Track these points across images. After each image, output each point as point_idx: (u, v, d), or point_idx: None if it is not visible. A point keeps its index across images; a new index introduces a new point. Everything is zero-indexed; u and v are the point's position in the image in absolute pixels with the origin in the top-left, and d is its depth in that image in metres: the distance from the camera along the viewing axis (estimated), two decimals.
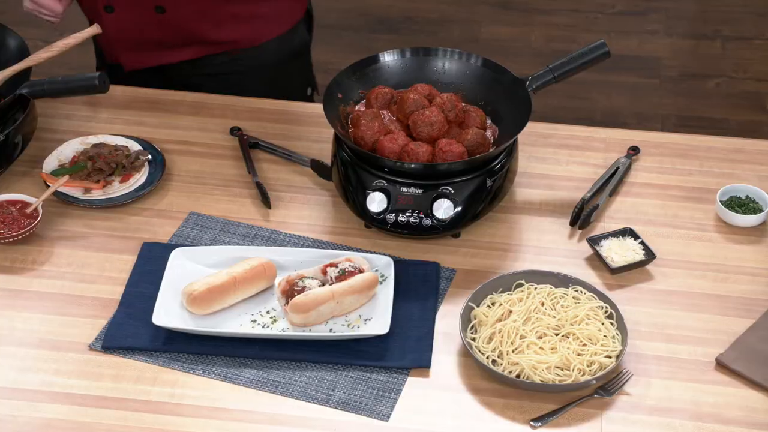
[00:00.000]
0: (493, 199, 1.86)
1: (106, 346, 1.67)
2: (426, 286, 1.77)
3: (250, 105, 2.18)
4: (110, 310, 1.73)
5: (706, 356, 1.67)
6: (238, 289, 1.71)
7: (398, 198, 1.81)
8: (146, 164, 1.99)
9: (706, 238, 1.88)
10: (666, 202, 1.95)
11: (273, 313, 1.72)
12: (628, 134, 2.11)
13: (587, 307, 1.68)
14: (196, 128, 2.12)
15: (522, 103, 1.88)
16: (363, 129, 1.86)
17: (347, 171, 1.86)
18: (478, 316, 1.69)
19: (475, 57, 1.97)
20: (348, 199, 1.87)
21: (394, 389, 1.62)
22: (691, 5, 4.11)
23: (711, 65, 3.90)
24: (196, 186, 1.98)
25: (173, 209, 1.93)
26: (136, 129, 2.10)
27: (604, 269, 1.82)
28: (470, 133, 1.86)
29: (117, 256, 1.83)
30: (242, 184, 1.99)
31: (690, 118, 3.67)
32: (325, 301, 1.67)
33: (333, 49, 3.62)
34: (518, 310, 1.68)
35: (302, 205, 1.94)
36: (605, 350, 1.63)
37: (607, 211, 1.93)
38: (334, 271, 1.71)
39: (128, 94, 2.19)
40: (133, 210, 1.92)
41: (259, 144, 2.07)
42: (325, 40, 2.31)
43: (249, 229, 1.89)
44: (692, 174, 2.01)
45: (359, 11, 4.03)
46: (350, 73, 1.96)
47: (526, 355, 1.62)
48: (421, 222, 1.82)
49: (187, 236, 1.87)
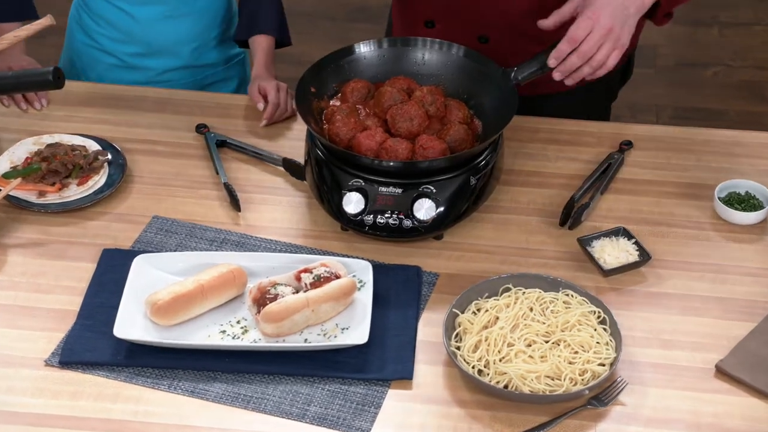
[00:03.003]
0: (477, 198, 1.86)
1: (64, 361, 1.66)
2: (407, 291, 1.77)
3: (217, 101, 2.17)
4: (68, 323, 1.72)
5: (705, 363, 1.68)
6: (206, 297, 1.70)
7: (376, 198, 1.81)
8: (106, 165, 1.98)
9: (704, 237, 1.89)
10: (661, 199, 1.96)
11: (244, 323, 1.71)
12: (620, 128, 2.12)
13: (578, 313, 1.68)
14: (160, 126, 2.11)
15: (507, 95, 1.89)
16: (338, 125, 1.86)
17: (322, 170, 1.86)
18: (462, 324, 1.69)
19: (457, 47, 1.97)
20: (323, 200, 1.87)
21: (374, 403, 1.62)
22: None
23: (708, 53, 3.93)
24: (160, 188, 1.97)
25: (135, 213, 1.92)
26: (95, 127, 2.09)
27: (596, 271, 1.82)
28: (452, 128, 1.86)
29: (75, 264, 1.82)
30: (209, 185, 1.98)
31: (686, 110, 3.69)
32: (300, 310, 1.67)
33: (307, 39, 3.62)
34: (505, 316, 1.68)
35: (274, 207, 1.94)
36: (598, 358, 1.63)
37: (598, 210, 1.94)
38: (308, 278, 1.71)
39: (86, 89, 2.18)
40: (92, 214, 1.91)
41: (227, 142, 2.06)
42: (299, 29, 2.30)
43: (217, 234, 1.88)
44: (689, 169, 2.02)
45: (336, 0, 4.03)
46: (324, 65, 1.96)
47: (514, 364, 1.62)
48: (401, 223, 1.81)
49: (150, 242, 1.86)
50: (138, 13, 2.24)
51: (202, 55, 2.32)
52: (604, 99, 2.26)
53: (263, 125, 2.10)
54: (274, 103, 2.10)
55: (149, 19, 2.25)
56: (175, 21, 2.25)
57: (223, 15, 2.32)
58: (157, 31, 2.26)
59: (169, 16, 2.24)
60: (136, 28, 2.25)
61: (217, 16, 2.31)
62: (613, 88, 2.25)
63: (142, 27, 2.25)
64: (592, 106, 2.21)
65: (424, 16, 2.10)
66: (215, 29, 2.32)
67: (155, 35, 2.26)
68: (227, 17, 2.34)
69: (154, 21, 2.25)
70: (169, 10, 2.24)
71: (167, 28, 2.26)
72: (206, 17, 2.29)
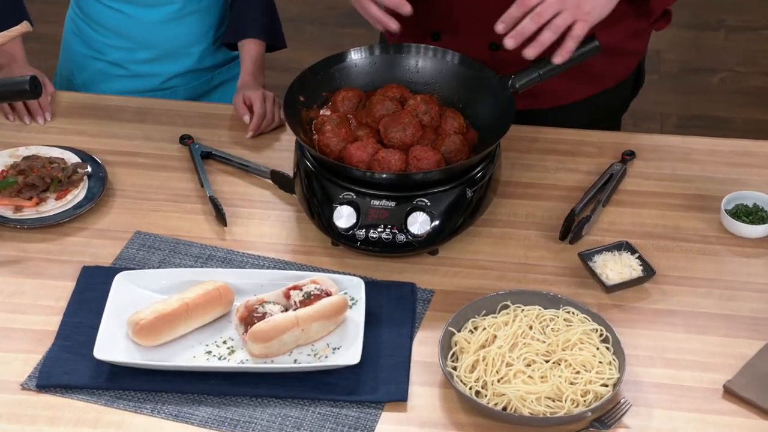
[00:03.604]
0: (474, 211, 1.87)
1: (41, 384, 1.66)
2: (401, 309, 1.77)
3: (202, 110, 2.18)
4: (46, 344, 1.72)
5: (713, 383, 1.68)
6: (191, 316, 1.70)
7: (368, 212, 1.81)
8: (85, 178, 1.98)
9: (711, 252, 1.89)
10: (665, 212, 1.96)
11: (230, 343, 1.71)
12: (622, 137, 2.13)
13: (580, 331, 1.68)
14: (142, 137, 2.11)
15: (504, 104, 1.89)
16: (328, 135, 1.86)
17: (311, 183, 1.86)
18: (459, 343, 1.69)
19: (452, 54, 1.98)
20: (313, 214, 1.87)
21: (366, 426, 1.62)
22: None
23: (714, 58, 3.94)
24: (142, 202, 1.97)
25: (116, 228, 1.92)
26: (74, 139, 2.09)
27: (598, 288, 1.82)
28: (447, 138, 1.86)
29: (53, 283, 1.82)
30: (194, 199, 1.98)
31: (691, 118, 3.70)
32: (289, 329, 1.67)
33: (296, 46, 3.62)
34: (504, 334, 1.68)
35: (262, 221, 1.94)
36: (601, 378, 1.63)
37: (600, 224, 1.94)
38: (298, 295, 1.71)
39: (64, 99, 2.18)
40: (71, 230, 1.91)
41: (213, 154, 2.06)
42: (287, 35, 2.31)
43: (202, 250, 1.88)
44: (694, 180, 2.03)
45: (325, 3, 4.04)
46: (313, 73, 1.97)
47: (513, 385, 1.62)
48: (395, 238, 1.82)
49: (132, 258, 1.86)
50: (145, 16, 2.24)
51: (208, 57, 2.32)
52: (614, 111, 2.26)
53: (249, 137, 2.10)
54: (260, 114, 2.11)
55: (157, 22, 2.25)
56: (184, 21, 2.25)
57: (225, 12, 2.32)
58: (166, 33, 2.26)
59: (179, 16, 2.24)
60: (143, 32, 2.26)
61: (220, 13, 2.31)
62: (624, 98, 2.25)
63: (149, 31, 2.26)
64: (600, 118, 2.20)
65: (428, 28, 2.10)
66: (220, 28, 2.32)
67: (164, 38, 2.27)
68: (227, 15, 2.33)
69: (162, 23, 2.25)
70: (178, 10, 2.24)
71: (177, 29, 2.26)
72: (212, 14, 2.29)
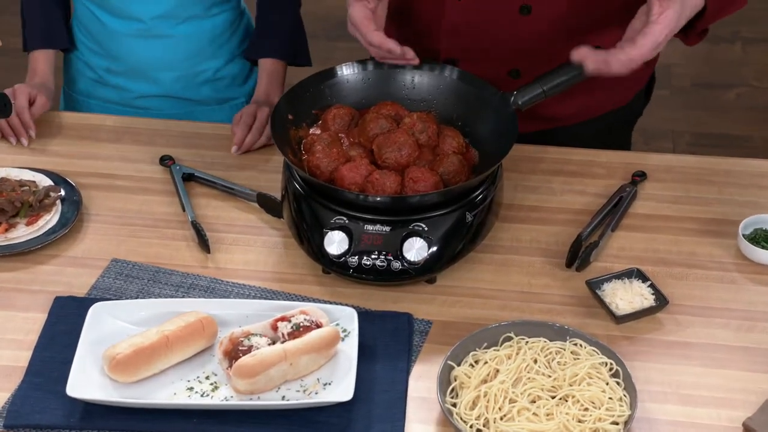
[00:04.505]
0: (474, 236, 1.87)
1: (10, 424, 1.65)
2: (396, 341, 1.76)
3: (183, 129, 2.18)
4: (14, 381, 1.71)
5: (731, 421, 1.67)
6: (171, 350, 1.70)
7: (362, 237, 1.81)
8: (58, 202, 1.97)
9: (728, 279, 1.89)
10: (679, 237, 1.97)
11: (213, 379, 1.70)
12: (633, 157, 2.13)
13: (588, 364, 1.68)
14: (119, 158, 2.11)
15: (506, 122, 1.89)
16: (318, 156, 1.86)
17: (300, 206, 1.86)
18: (459, 377, 1.69)
19: (450, 69, 1.99)
20: (302, 240, 1.87)
21: None
22: None
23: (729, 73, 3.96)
24: (120, 228, 1.97)
25: (91, 256, 1.92)
26: (46, 160, 2.09)
27: (607, 318, 1.82)
28: (446, 159, 1.87)
29: (23, 315, 1.81)
30: (175, 224, 1.98)
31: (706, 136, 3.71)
32: (276, 363, 1.66)
33: None
34: (507, 369, 1.68)
35: (247, 247, 1.94)
36: (611, 415, 1.63)
37: (609, 249, 1.94)
38: (286, 327, 1.71)
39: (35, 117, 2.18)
40: (43, 258, 1.91)
41: (195, 176, 2.06)
42: None
43: (184, 278, 1.88)
44: (710, 203, 2.03)
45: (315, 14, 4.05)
46: (302, 89, 1.97)
47: (517, 422, 1.62)
48: (390, 265, 1.82)
49: (108, 288, 1.86)
50: (113, 25, 2.26)
51: (187, 88, 2.34)
52: (624, 124, 2.27)
53: (234, 151, 2.10)
54: (245, 124, 2.11)
55: (123, 34, 2.27)
56: (150, 42, 2.27)
57: (214, 52, 2.33)
58: (130, 49, 2.28)
59: (145, 35, 2.26)
60: (110, 41, 2.28)
61: (205, 50, 2.32)
62: (636, 110, 2.26)
63: (116, 41, 2.27)
64: (610, 133, 2.21)
65: (444, 55, 2.10)
66: (203, 63, 2.33)
67: (128, 52, 2.28)
68: (224, 56, 2.35)
69: (128, 36, 2.27)
70: (146, 29, 2.25)
71: (141, 47, 2.27)
72: (189, 46, 2.30)
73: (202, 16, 2.29)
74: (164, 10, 2.25)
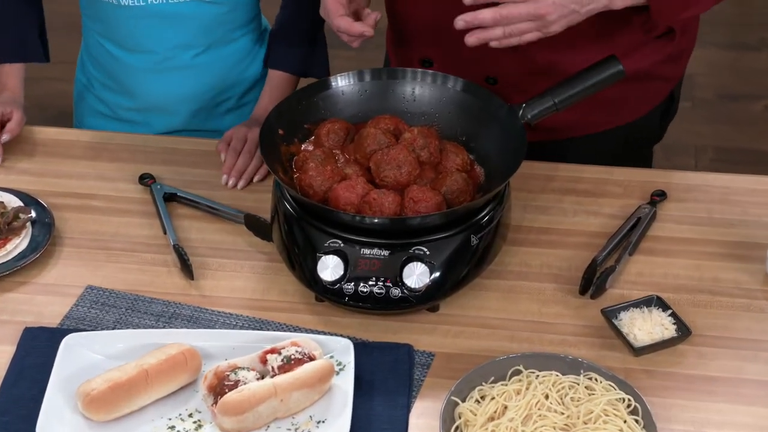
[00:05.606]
0: (479, 261, 1.87)
1: None
2: (396, 375, 1.76)
3: (164, 145, 2.19)
4: None
5: None
6: (151, 385, 1.69)
7: (358, 262, 1.81)
8: (28, 225, 1.98)
9: (756, 308, 1.89)
10: (702, 261, 1.97)
11: (197, 417, 1.70)
12: (651, 174, 2.13)
13: (604, 401, 1.68)
14: (95, 176, 2.12)
15: (514, 137, 1.90)
16: (311, 174, 1.87)
17: (292, 228, 1.86)
18: (464, 414, 1.69)
19: (454, 80, 1.99)
20: (293, 265, 1.87)
21: None
22: (730, 8, 4.18)
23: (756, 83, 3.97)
24: (96, 252, 1.97)
25: (64, 283, 1.92)
26: (15, 179, 2.10)
27: (625, 350, 1.82)
28: (449, 177, 1.87)
29: None
30: (156, 248, 1.98)
31: (731, 151, 3.72)
32: (266, 399, 1.66)
33: None
34: (516, 405, 1.67)
35: (234, 273, 1.94)
36: None
37: (626, 275, 1.95)
38: (276, 360, 1.71)
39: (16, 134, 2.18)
40: (11, 285, 1.91)
41: (177, 195, 2.07)
42: None
43: (165, 307, 1.88)
44: (735, 225, 2.03)
45: None
46: (293, 102, 1.98)
47: None
48: (388, 292, 1.82)
49: (83, 318, 1.86)
50: (127, 60, 2.28)
51: (209, 119, 2.34)
52: (642, 142, 2.27)
53: (224, 182, 2.09)
54: (234, 149, 2.12)
55: (139, 69, 2.28)
56: (164, 75, 2.27)
57: (237, 78, 2.33)
58: (146, 83, 2.29)
59: (161, 68, 2.26)
60: (125, 76, 2.29)
61: (228, 78, 2.32)
62: (651, 128, 2.27)
63: (131, 76, 2.29)
64: (627, 151, 2.21)
65: (419, 54, 2.12)
66: (226, 92, 2.34)
67: (144, 87, 2.29)
68: (248, 80, 2.34)
69: (143, 71, 2.28)
70: (161, 61, 2.26)
71: (157, 81, 2.28)
72: (206, 77, 2.30)
73: (225, 41, 2.28)
74: (183, 39, 2.25)
